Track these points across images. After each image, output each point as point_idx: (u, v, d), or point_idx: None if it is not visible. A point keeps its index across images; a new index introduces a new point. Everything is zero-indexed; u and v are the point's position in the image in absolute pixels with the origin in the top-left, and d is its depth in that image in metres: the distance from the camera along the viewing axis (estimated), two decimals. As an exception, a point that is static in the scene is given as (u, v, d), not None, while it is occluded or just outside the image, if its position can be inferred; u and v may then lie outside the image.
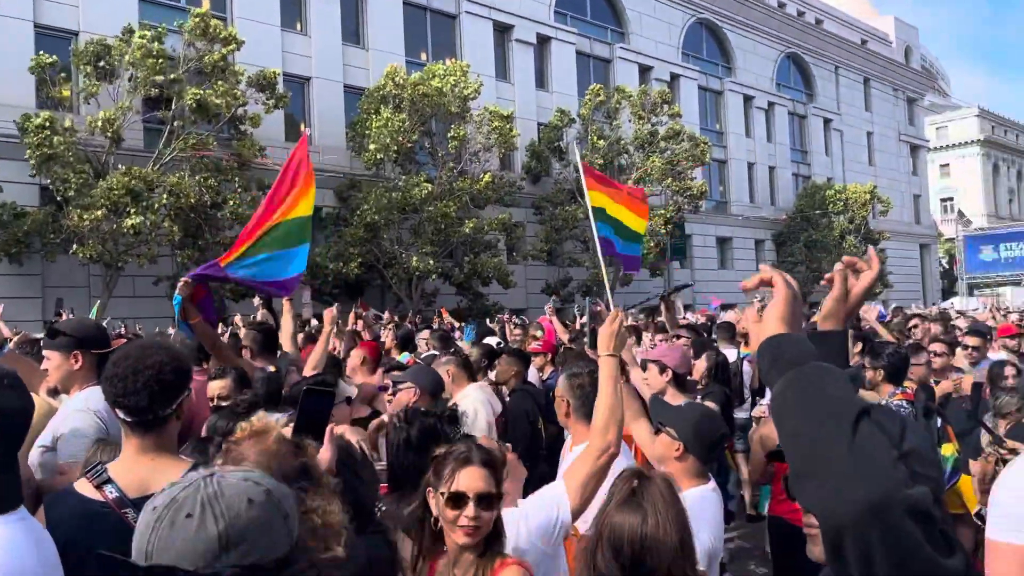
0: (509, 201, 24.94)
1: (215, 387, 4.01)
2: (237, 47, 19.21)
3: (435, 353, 6.76)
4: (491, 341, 7.86)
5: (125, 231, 16.49)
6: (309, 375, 4.63)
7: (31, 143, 16.14)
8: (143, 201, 16.64)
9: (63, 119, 16.88)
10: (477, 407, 4.69)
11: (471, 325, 13.15)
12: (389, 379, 4.90)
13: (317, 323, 13.37)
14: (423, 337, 7.47)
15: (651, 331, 8.59)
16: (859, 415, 1.23)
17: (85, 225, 16.16)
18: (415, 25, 27.30)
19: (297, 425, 1.91)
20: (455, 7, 28.30)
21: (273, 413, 4.24)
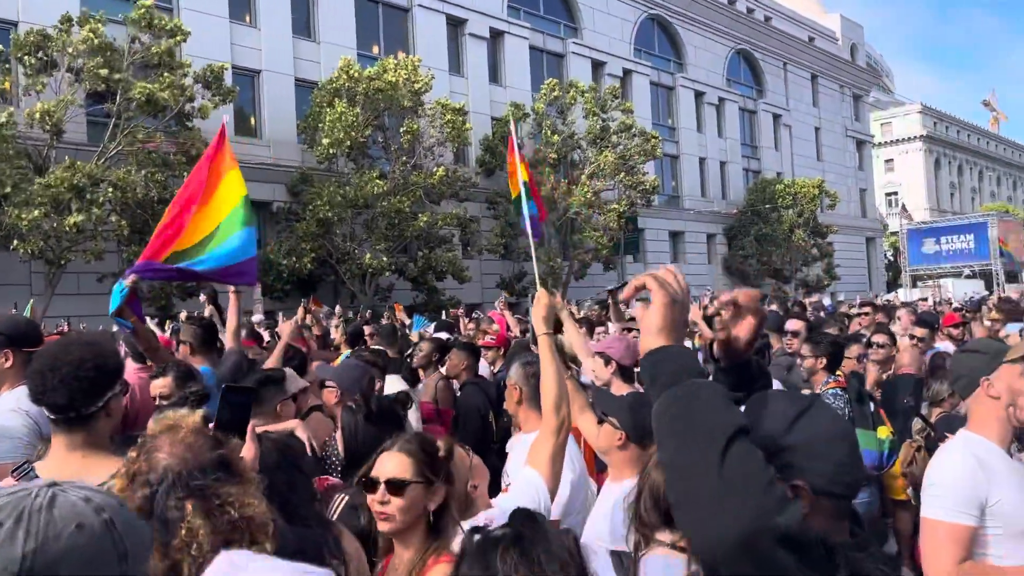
0: (464, 196, 24.88)
1: (156, 386, 3.95)
2: (183, 39, 18.82)
3: (379, 348, 6.72)
4: (442, 335, 7.85)
5: (68, 229, 16.04)
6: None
7: None
8: (87, 196, 16.21)
9: (1, 112, 16.34)
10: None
11: (421, 316, 13.13)
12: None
13: (265, 319, 13.20)
14: (369, 333, 7.43)
15: (606, 323, 8.65)
16: (731, 438, 1.20)
17: (24, 224, 15.69)
18: (367, 18, 27.05)
19: (218, 423, 1.90)
20: (407, 1, 28.10)
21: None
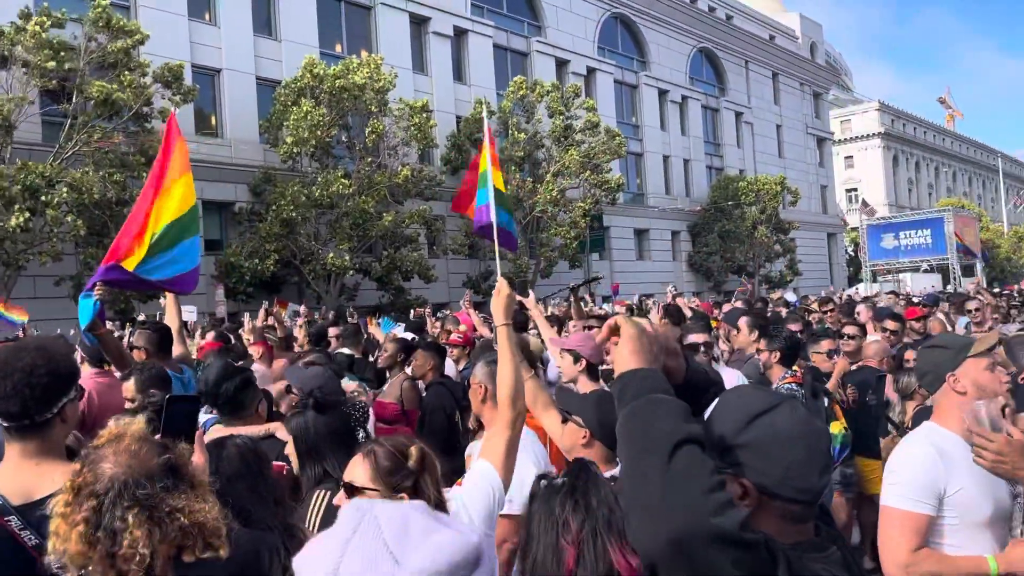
0: (429, 195, 24.79)
1: (126, 388, 3.95)
2: (142, 41, 18.48)
3: (350, 353, 6.68)
4: (408, 335, 7.82)
5: (12, 230, 15.60)
6: None
7: None
8: (41, 196, 15.83)
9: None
10: None
11: (388, 317, 13.04)
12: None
13: (228, 321, 13.06)
14: (333, 334, 7.37)
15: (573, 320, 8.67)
16: (678, 444, 1.25)
17: None
18: (329, 16, 26.82)
19: (164, 432, 1.89)
20: (370, -1, 27.94)
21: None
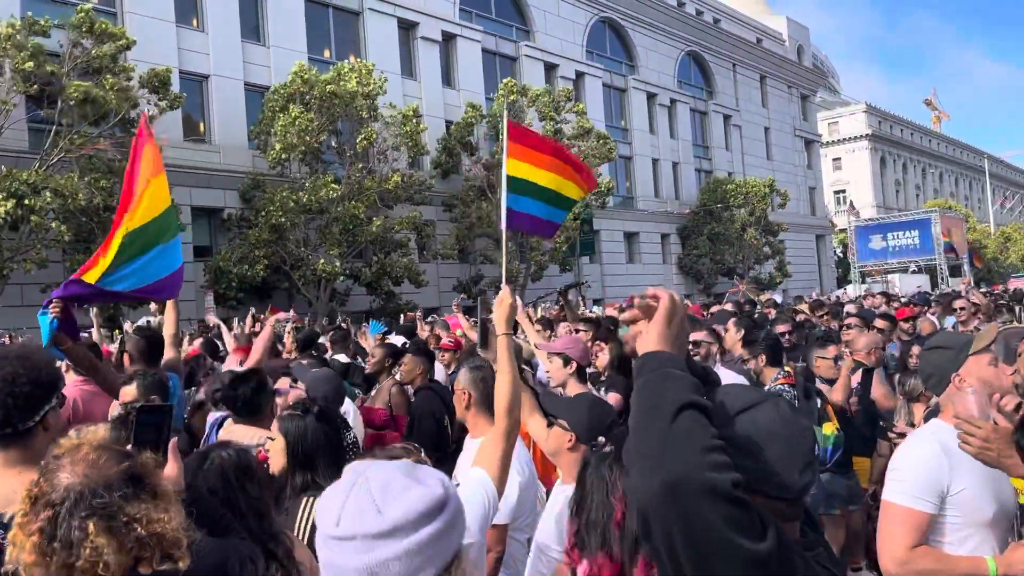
0: (419, 200, 24.79)
1: (125, 393, 3.92)
2: (128, 46, 18.43)
3: (346, 360, 6.67)
4: (398, 340, 7.81)
5: (3, 220, 15.47)
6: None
7: None
8: (25, 201, 15.73)
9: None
10: None
11: (377, 320, 13.06)
12: (287, 380, 4.83)
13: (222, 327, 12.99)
14: (332, 341, 7.36)
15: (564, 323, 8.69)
16: (682, 407, 1.29)
17: None
18: (317, 22, 26.81)
19: (134, 443, 1.88)
20: (358, 4, 27.92)
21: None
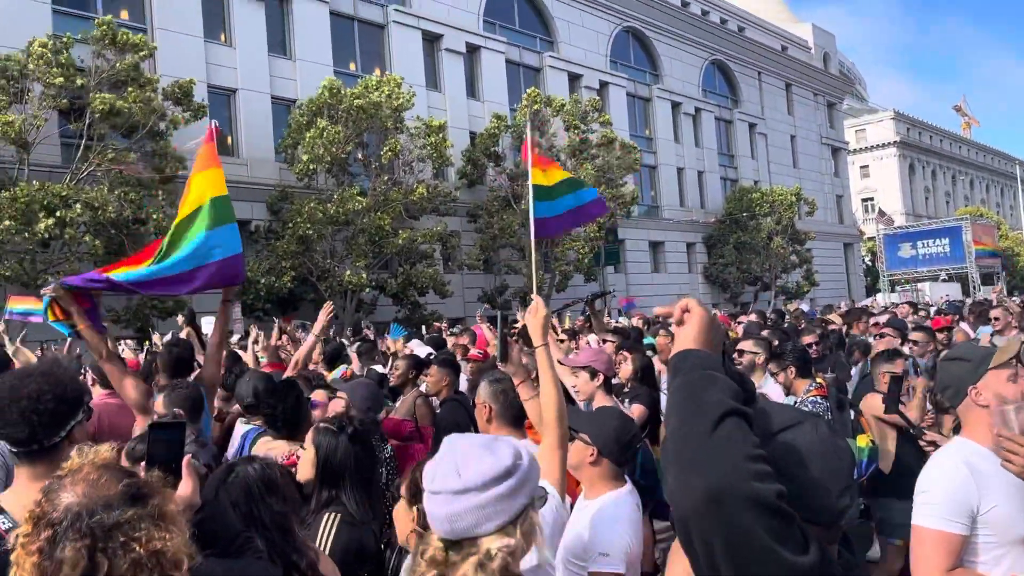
0: (444, 211, 24.89)
1: (155, 407, 3.92)
2: (149, 54, 18.72)
3: (383, 372, 6.67)
4: (422, 350, 7.81)
5: (39, 236, 15.74)
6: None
7: None
8: (57, 213, 16.00)
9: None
10: None
11: (398, 324, 13.10)
12: (322, 392, 4.83)
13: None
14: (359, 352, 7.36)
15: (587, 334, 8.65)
16: (725, 413, 1.27)
17: None
18: (343, 36, 27.06)
19: (148, 461, 1.87)
20: (383, 17, 28.15)
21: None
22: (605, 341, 6.33)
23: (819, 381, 4.83)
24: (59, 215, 15.97)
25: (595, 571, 2.68)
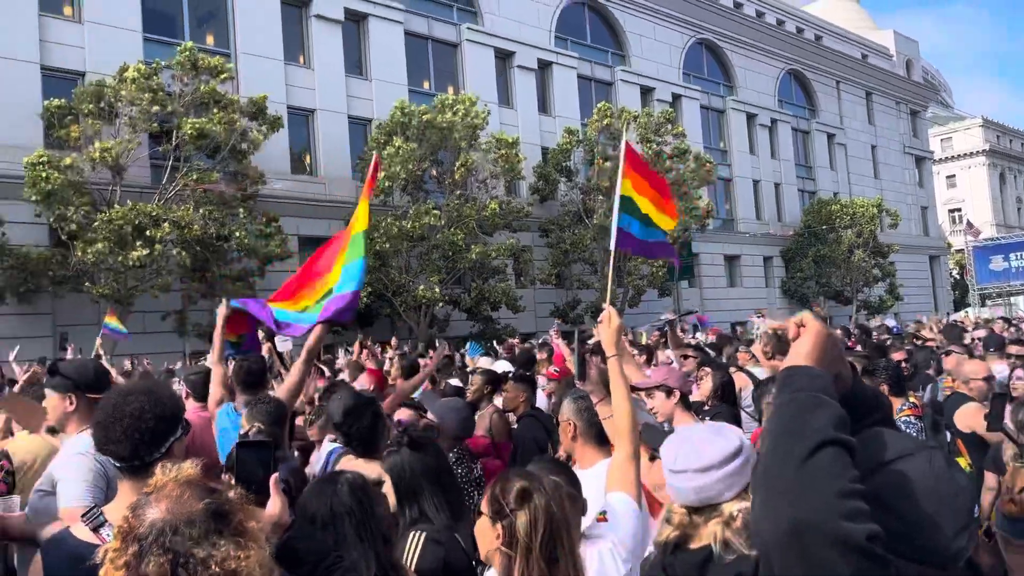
0: (517, 226, 25.02)
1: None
2: (230, 77, 19.42)
3: (459, 384, 6.71)
4: (500, 367, 7.81)
5: (132, 263, 16.47)
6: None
7: (28, 181, 16.26)
8: (147, 232, 16.70)
9: (64, 157, 16.89)
10: None
11: (476, 342, 13.17)
12: (408, 412, 4.86)
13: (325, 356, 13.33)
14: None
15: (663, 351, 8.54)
16: (825, 442, 1.21)
17: (89, 259, 16.25)
18: (417, 55, 27.54)
19: (236, 479, 1.90)
20: (456, 36, 28.56)
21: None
22: (686, 357, 6.22)
23: (912, 400, 4.64)
24: (149, 234, 16.65)
25: None
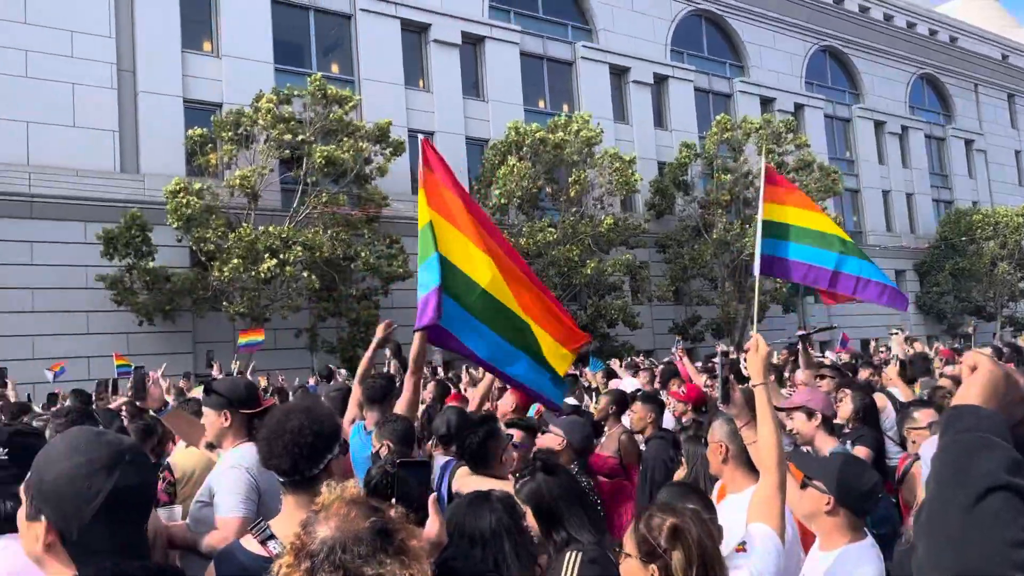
0: (634, 243, 24.80)
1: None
2: (355, 106, 20.20)
3: (576, 404, 6.68)
4: (628, 385, 7.72)
5: (264, 275, 17.28)
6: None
7: (170, 207, 17.39)
8: (279, 255, 17.56)
9: (204, 183, 18.03)
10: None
11: (594, 357, 13.11)
12: (521, 433, 4.86)
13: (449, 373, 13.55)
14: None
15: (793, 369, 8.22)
16: (994, 487, 1.15)
17: (226, 276, 17.20)
18: (532, 74, 27.82)
19: (397, 498, 1.94)
20: (571, 54, 28.69)
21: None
22: (821, 377, 5.96)
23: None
24: (281, 256, 17.51)
25: None
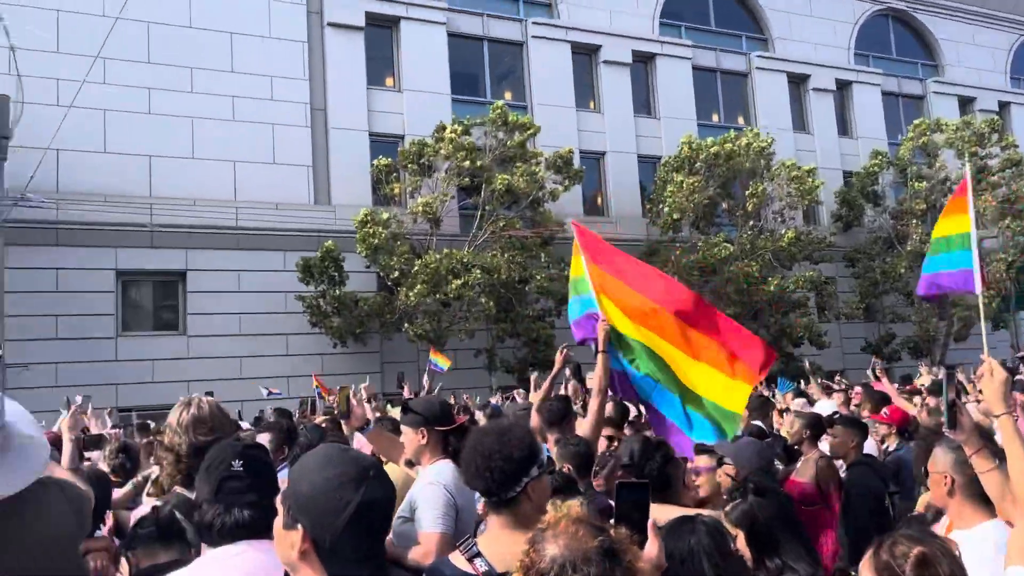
0: (818, 257, 23.56)
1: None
2: (535, 133, 20.63)
3: (758, 424, 6.41)
4: (826, 407, 7.30)
5: (447, 296, 18.03)
6: None
7: (359, 237, 18.48)
8: (460, 278, 18.21)
9: (390, 212, 19.13)
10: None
11: (783, 377, 12.64)
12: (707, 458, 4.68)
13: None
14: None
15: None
16: None
17: (412, 301, 18.00)
18: (705, 88, 27.23)
19: (617, 518, 1.93)
20: (746, 66, 27.84)
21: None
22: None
23: None
24: (463, 279, 18.14)
25: None
